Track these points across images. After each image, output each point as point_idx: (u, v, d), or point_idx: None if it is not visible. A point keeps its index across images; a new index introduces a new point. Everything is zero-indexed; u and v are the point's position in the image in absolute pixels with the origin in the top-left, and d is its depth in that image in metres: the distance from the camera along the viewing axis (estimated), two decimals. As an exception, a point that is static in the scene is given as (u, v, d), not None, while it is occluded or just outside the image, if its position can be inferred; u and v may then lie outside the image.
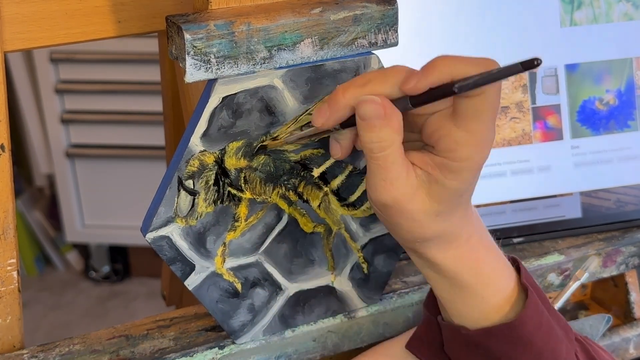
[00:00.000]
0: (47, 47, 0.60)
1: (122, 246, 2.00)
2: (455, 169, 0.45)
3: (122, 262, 2.03)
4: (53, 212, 1.99)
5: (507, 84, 0.67)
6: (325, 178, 0.54)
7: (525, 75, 0.68)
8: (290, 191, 0.54)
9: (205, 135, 0.49)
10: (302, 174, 0.53)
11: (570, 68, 0.69)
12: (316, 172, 0.54)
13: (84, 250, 2.05)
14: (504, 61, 0.67)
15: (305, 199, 0.54)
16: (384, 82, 0.45)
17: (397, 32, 0.51)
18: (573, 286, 0.62)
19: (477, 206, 0.68)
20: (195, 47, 0.46)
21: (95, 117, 1.80)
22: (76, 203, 1.88)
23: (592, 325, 0.56)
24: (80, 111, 1.79)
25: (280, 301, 0.57)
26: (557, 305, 0.61)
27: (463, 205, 0.47)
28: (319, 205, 0.55)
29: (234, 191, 0.52)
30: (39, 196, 2.03)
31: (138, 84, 1.75)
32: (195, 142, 0.49)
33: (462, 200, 0.47)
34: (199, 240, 0.52)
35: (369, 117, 0.44)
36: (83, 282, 2.02)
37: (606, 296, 0.74)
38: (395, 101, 0.45)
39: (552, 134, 0.69)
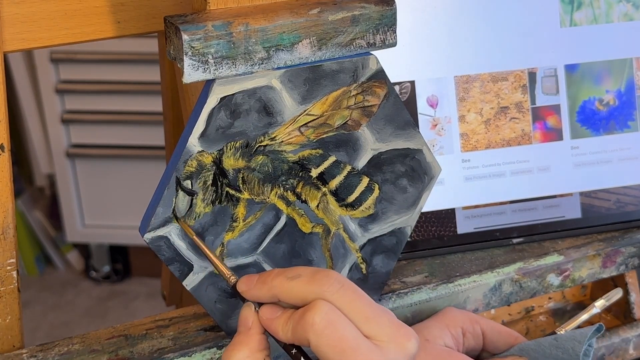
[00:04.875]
0: (47, 47, 0.60)
1: (123, 246, 2.00)
2: None
3: (122, 262, 2.03)
4: (53, 212, 2.00)
5: (507, 84, 0.67)
6: (323, 178, 0.54)
7: (525, 75, 0.68)
8: (289, 191, 0.54)
9: (203, 135, 0.49)
10: (300, 174, 0.53)
11: (570, 68, 0.69)
12: (314, 173, 0.54)
13: (84, 250, 2.05)
14: (503, 62, 0.67)
15: (304, 199, 0.54)
16: (310, 283, 0.45)
17: (395, 32, 0.51)
18: (590, 313, 0.61)
19: (477, 206, 0.68)
20: (193, 47, 0.46)
21: (95, 117, 1.80)
22: (76, 203, 1.88)
23: (582, 333, 0.56)
24: (81, 111, 1.80)
25: (279, 301, 0.57)
26: (570, 328, 0.61)
27: None
28: (318, 206, 0.55)
29: (232, 191, 0.52)
30: (39, 196, 2.03)
31: (138, 84, 1.75)
32: (194, 143, 0.49)
33: None
34: (198, 241, 0.52)
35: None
36: (83, 282, 2.02)
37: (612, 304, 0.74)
38: None
39: (552, 135, 0.69)
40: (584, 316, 0.62)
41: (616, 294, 0.62)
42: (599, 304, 0.62)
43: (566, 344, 0.55)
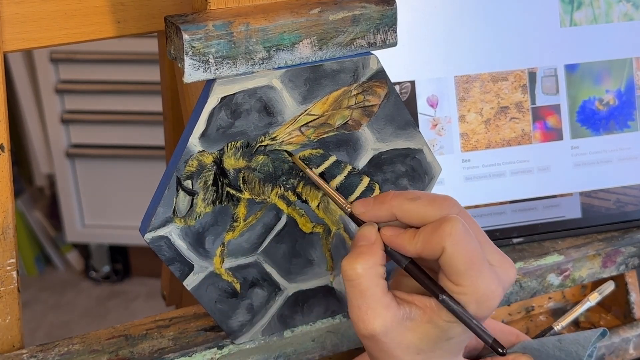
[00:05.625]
0: (47, 47, 0.60)
1: (122, 246, 2.00)
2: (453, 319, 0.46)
3: (122, 262, 2.03)
4: (53, 212, 2.00)
5: (507, 84, 0.67)
6: (324, 178, 0.54)
7: (525, 75, 0.68)
8: (289, 191, 0.54)
9: (203, 135, 0.49)
10: (301, 174, 0.53)
11: (570, 68, 0.69)
12: (315, 173, 0.54)
13: (84, 250, 2.05)
14: (503, 62, 0.67)
15: (304, 199, 0.54)
16: (431, 205, 0.47)
17: (396, 32, 0.51)
18: (584, 307, 0.62)
19: (477, 206, 0.68)
20: (194, 47, 0.46)
21: (95, 117, 1.80)
22: (76, 203, 1.88)
23: (587, 337, 0.56)
24: (80, 111, 1.80)
25: (279, 301, 0.57)
26: (565, 323, 0.61)
27: (447, 349, 0.47)
28: (318, 206, 0.55)
29: (232, 191, 0.52)
30: (39, 196, 2.03)
31: (138, 84, 1.75)
32: (194, 143, 0.49)
33: (449, 344, 0.47)
34: (198, 241, 0.52)
35: (357, 244, 0.47)
36: (83, 282, 2.02)
37: (606, 297, 0.74)
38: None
39: (552, 134, 0.69)
40: (579, 310, 0.62)
41: (609, 287, 0.63)
42: (593, 298, 0.62)
43: (570, 347, 0.55)
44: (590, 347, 0.55)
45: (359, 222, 0.50)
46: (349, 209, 0.50)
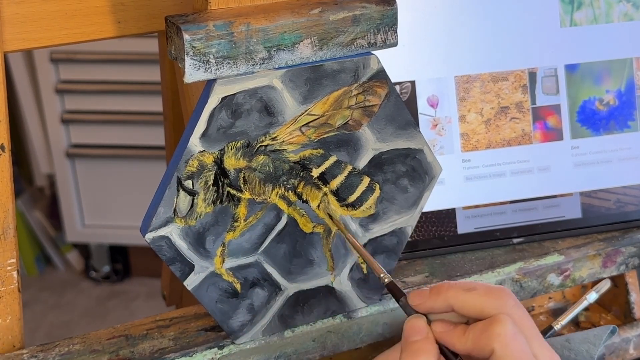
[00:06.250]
0: (47, 47, 0.60)
1: (122, 246, 2.00)
2: None
3: (122, 262, 2.03)
4: (53, 212, 2.00)
5: (507, 84, 0.67)
6: (324, 178, 0.54)
7: (525, 75, 0.68)
8: (290, 191, 0.54)
9: (204, 135, 0.49)
10: (301, 174, 0.53)
11: (570, 68, 0.69)
12: (315, 173, 0.54)
13: (84, 250, 2.05)
14: (503, 62, 0.67)
15: (305, 199, 0.54)
16: (487, 296, 0.47)
17: (396, 32, 0.52)
18: (581, 305, 0.61)
19: (477, 206, 0.68)
20: (194, 47, 0.46)
21: (95, 117, 1.80)
22: (76, 203, 1.88)
23: (597, 335, 0.56)
24: (80, 111, 1.80)
25: (279, 301, 0.57)
26: (564, 322, 0.61)
27: None
28: (319, 206, 0.55)
29: (233, 191, 0.52)
30: (39, 196, 2.03)
31: (138, 84, 1.75)
32: (195, 143, 0.49)
33: None
34: (198, 241, 0.52)
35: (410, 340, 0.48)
36: (83, 282, 2.02)
37: (606, 296, 0.74)
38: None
39: (552, 135, 0.69)
40: (578, 309, 0.62)
41: (605, 285, 0.63)
42: (590, 296, 0.62)
43: (580, 346, 0.55)
44: (601, 344, 0.55)
45: (409, 312, 0.50)
46: (387, 280, 0.51)
